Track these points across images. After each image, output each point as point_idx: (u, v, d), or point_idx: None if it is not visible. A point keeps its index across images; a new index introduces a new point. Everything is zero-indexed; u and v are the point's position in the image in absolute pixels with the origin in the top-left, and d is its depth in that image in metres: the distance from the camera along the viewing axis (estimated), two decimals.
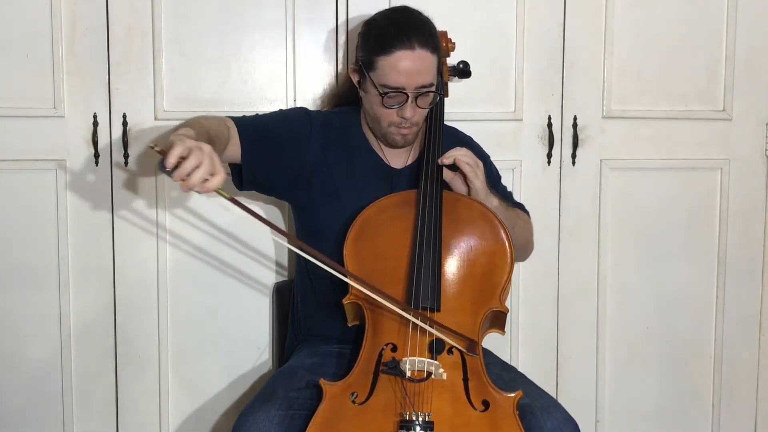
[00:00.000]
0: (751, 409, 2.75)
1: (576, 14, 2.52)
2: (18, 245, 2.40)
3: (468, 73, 2.33)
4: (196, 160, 1.65)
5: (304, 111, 2.22)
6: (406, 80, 2.01)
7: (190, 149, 1.66)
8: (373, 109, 2.09)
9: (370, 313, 1.92)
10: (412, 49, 1.99)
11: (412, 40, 2.00)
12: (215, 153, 1.70)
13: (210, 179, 1.67)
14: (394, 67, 2.00)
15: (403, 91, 2.02)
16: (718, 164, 2.65)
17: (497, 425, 1.78)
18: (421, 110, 2.06)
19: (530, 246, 2.31)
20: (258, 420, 1.83)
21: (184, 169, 1.64)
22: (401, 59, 1.99)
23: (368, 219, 2.02)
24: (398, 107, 2.04)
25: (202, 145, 1.68)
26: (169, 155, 1.64)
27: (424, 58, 2.01)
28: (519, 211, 2.22)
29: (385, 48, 2.01)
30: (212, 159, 1.68)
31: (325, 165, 2.14)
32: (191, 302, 2.47)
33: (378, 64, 2.02)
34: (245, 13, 2.41)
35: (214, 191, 1.68)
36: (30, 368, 2.44)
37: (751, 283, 2.71)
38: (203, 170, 1.65)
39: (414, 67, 2.00)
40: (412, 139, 2.13)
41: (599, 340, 2.64)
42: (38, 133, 2.37)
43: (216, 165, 1.68)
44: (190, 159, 1.64)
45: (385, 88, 2.02)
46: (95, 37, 2.36)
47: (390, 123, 2.08)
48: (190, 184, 1.65)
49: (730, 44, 2.60)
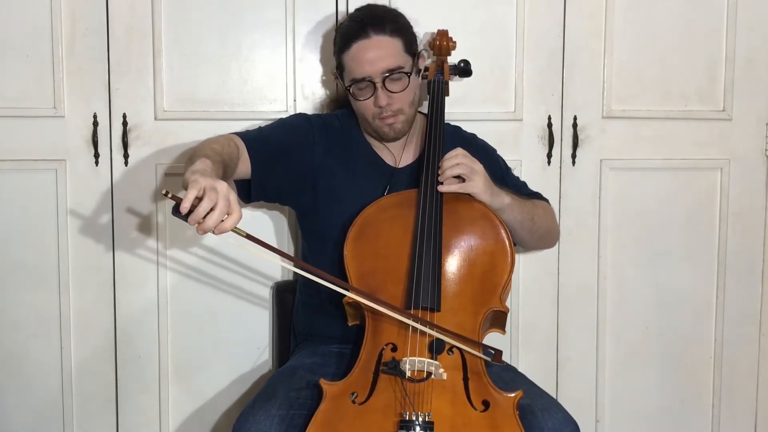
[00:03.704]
0: (751, 409, 2.75)
1: (576, 14, 2.52)
2: (18, 245, 2.40)
3: (469, 72, 2.33)
4: (210, 203, 1.61)
5: (304, 117, 2.23)
6: (369, 68, 2.04)
7: (204, 191, 1.63)
8: (356, 107, 2.12)
9: (370, 313, 1.92)
10: (367, 38, 2.05)
11: (366, 29, 2.05)
12: (231, 191, 1.66)
13: (226, 219, 1.63)
14: (355, 59, 2.05)
15: (369, 80, 2.05)
16: (718, 164, 2.65)
17: (497, 425, 1.78)
18: (398, 95, 2.07)
19: (555, 232, 2.31)
20: (258, 420, 1.83)
21: (199, 213, 1.61)
22: (359, 50, 2.05)
23: (369, 218, 2.02)
24: (371, 97, 2.06)
25: (216, 185, 1.64)
26: (184, 200, 1.61)
27: (382, 42, 2.05)
28: (536, 200, 2.22)
29: (345, 45, 2.08)
30: (227, 199, 1.64)
31: (328, 168, 2.14)
32: (191, 302, 2.47)
33: (344, 62, 2.09)
34: (245, 13, 2.41)
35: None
36: (30, 369, 2.44)
37: (751, 283, 2.71)
38: (218, 213, 1.62)
39: (373, 54, 2.04)
40: (401, 128, 2.12)
41: (599, 340, 2.64)
42: (38, 133, 2.37)
43: (232, 204, 1.64)
44: (204, 202, 1.61)
45: (352, 81, 2.06)
46: (95, 37, 2.36)
47: (373, 116, 2.09)
48: (205, 227, 1.62)
49: (730, 44, 2.60)
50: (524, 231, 2.12)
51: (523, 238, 2.15)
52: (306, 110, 2.41)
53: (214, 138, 2.05)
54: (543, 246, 2.32)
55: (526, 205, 2.14)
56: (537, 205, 2.19)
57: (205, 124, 2.40)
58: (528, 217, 2.11)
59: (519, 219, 2.09)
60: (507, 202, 2.07)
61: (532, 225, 2.13)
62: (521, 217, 2.10)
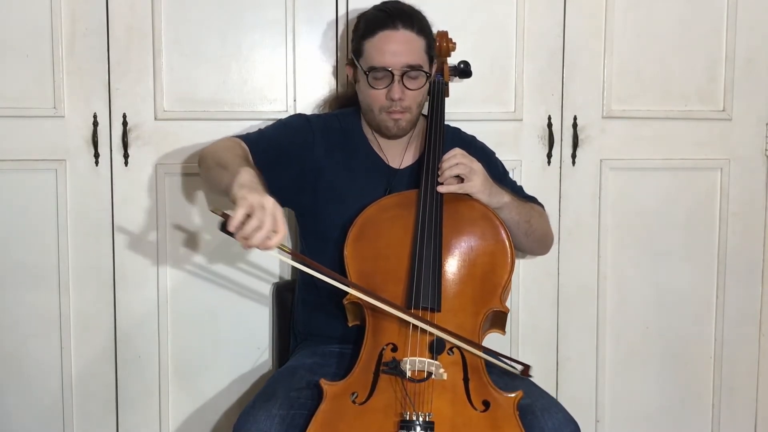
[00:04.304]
0: (751, 409, 2.75)
1: (576, 14, 2.52)
2: (18, 245, 2.40)
3: (469, 73, 2.33)
4: (257, 221, 1.67)
5: (304, 117, 2.23)
6: (391, 59, 2.04)
7: (253, 209, 1.68)
8: (365, 95, 2.11)
9: (370, 313, 1.92)
10: (395, 29, 2.04)
11: (396, 21, 2.05)
12: (278, 207, 1.72)
13: (271, 237, 1.68)
14: (379, 47, 2.05)
15: (388, 70, 2.04)
16: (718, 164, 2.65)
17: (498, 425, 1.78)
18: (411, 93, 2.07)
19: (549, 237, 2.31)
20: (258, 420, 1.83)
21: (246, 231, 1.67)
22: (385, 39, 2.04)
23: (369, 219, 2.02)
24: (386, 88, 2.05)
25: (264, 202, 1.70)
26: (233, 219, 1.67)
27: (409, 38, 2.05)
28: (533, 204, 2.22)
29: (370, 31, 2.07)
30: (274, 216, 1.69)
31: (328, 168, 2.14)
32: (191, 302, 2.47)
33: (365, 48, 2.07)
34: (245, 13, 2.41)
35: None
36: (30, 368, 2.44)
37: (751, 283, 2.71)
38: (265, 231, 1.67)
39: (398, 47, 2.04)
40: (405, 125, 2.12)
41: (599, 340, 2.64)
42: (38, 133, 2.37)
43: (278, 222, 1.70)
44: (252, 221, 1.67)
45: (371, 68, 2.05)
46: (95, 37, 2.36)
47: (381, 108, 2.09)
48: (251, 244, 1.68)
49: (730, 44, 2.60)
50: (520, 232, 2.12)
51: (519, 240, 2.14)
52: (306, 110, 2.41)
53: (226, 143, 2.05)
54: (537, 250, 2.30)
55: (524, 206, 2.14)
56: (534, 209, 2.20)
57: (205, 124, 2.40)
58: (524, 219, 2.11)
59: (516, 219, 2.09)
60: (506, 200, 2.07)
61: (528, 227, 2.13)
62: (518, 218, 2.10)
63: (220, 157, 1.96)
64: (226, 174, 1.86)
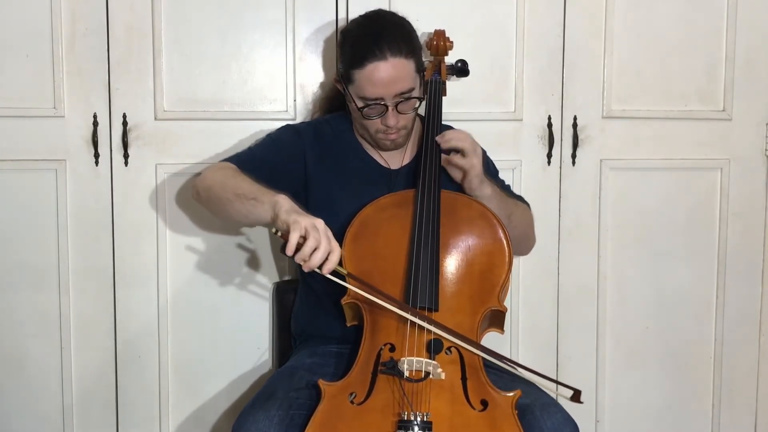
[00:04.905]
0: (751, 409, 2.74)
1: (576, 14, 2.52)
2: (18, 245, 2.40)
3: (466, 72, 2.32)
4: (314, 242, 1.76)
5: (292, 129, 2.21)
6: (383, 90, 2.01)
7: (307, 230, 1.75)
8: (359, 122, 2.11)
9: (368, 314, 1.92)
10: (384, 60, 1.99)
11: (383, 49, 1.99)
12: (328, 228, 1.80)
13: (329, 258, 1.78)
14: (369, 80, 2.00)
15: (381, 103, 2.02)
16: (718, 164, 2.65)
17: (496, 425, 1.78)
18: (405, 115, 2.07)
19: (531, 238, 2.30)
20: (258, 420, 1.83)
21: (305, 252, 1.75)
22: (375, 71, 2.00)
23: (367, 218, 2.02)
24: (379, 117, 2.05)
25: (316, 223, 1.78)
26: (289, 242, 1.75)
27: (398, 65, 2.00)
28: (517, 201, 2.21)
29: (358, 61, 2.01)
30: (327, 236, 1.79)
31: (322, 175, 2.14)
32: (191, 302, 2.47)
33: (354, 78, 2.03)
34: (245, 13, 2.41)
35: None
36: (30, 368, 2.44)
37: (751, 283, 2.71)
38: (322, 252, 1.76)
39: (389, 77, 2.00)
40: (402, 141, 2.13)
41: (599, 340, 2.64)
42: (38, 133, 2.37)
43: (332, 241, 1.78)
44: (309, 242, 1.75)
45: (363, 100, 2.03)
46: (95, 37, 2.36)
47: (377, 131, 2.09)
48: (311, 265, 1.76)
49: (730, 44, 2.59)
50: None
51: None
52: (306, 110, 2.42)
53: (226, 171, 2.04)
54: (516, 249, 2.29)
55: (507, 201, 2.13)
56: (517, 205, 2.18)
57: (205, 124, 2.40)
58: (504, 214, 2.09)
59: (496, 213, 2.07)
60: (488, 192, 2.07)
61: (507, 222, 2.08)
62: (498, 213, 2.06)
63: (236, 186, 1.96)
64: (256, 204, 1.90)
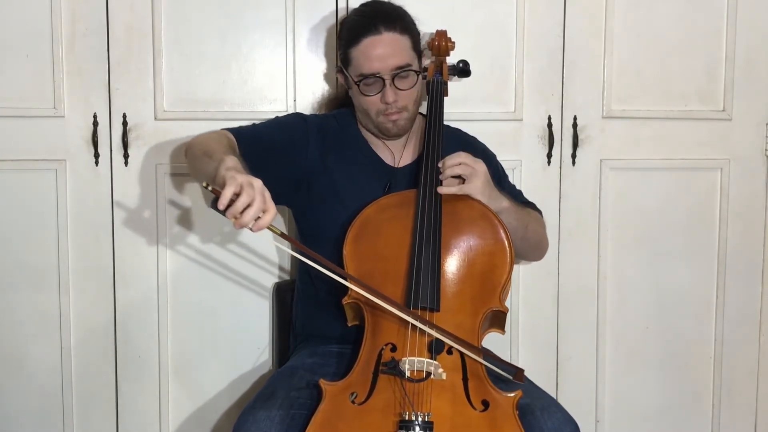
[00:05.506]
0: (751, 409, 2.75)
1: (576, 14, 2.52)
2: (18, 245, 2.40)
3: (468, 72, 2.33)
4: (247, 198, 1.69)
5: (300, 116, 2.23)
6: (379, 64, 2.05)
7: (242, 187, 1.70)
8: (359, 102, 2.12)
9: (369, 314, 1.92)
10: (378, 33, 2.06)
11: (377, 25, 2.06)
12: (266, 188, 1.73)
13: (262, 216, 1.71)
14: (365, 54, 2.06)
15: (378, 76, 2.05)
16: (718, 164, 2.65)
17: (497, 425, 1.78)
18: (404, 92, 2.08)
19: (545, 244, 2.31)
20: (258, 420, 1.83)
21: (237, 207, 1.69)
22: (370, 45, 2.06)
23: (368, 219, 2.02)
24: (379, 93, 2.06)
25: (253, 181, 1.72)
26: (222, 195, 1.68)
27: (393, 39, 2.06)
28: (530, 210, 2.22)
29: (354, 39, 2.08)
30: (263, 195, 1.72)
31: (324, 168, 2.14)
32: (191, 302, 2.47)
33: (352, 57, 2.09)
34: (245, 13, 2.41)
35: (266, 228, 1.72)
36: (30, 368, 2.44)
37: (751, 283, 2.71)
38: (255, 208, 1.70)
39: (384, 51, 2.05)
40: (404, 124, 2.13)
41: (599, 340, 2.64)
42: (38, 133, 2.37)
43: (267, 201, 1.72)
44: (242, 197, 1.69)
45: (361, 77, 2.07)
46: (95, 37, 2.36)
47: (377, 112, 2.10)
48: (242, 222, 1.70)
49: (730, 44, 2.60)
50: (517, 238, 2.11)
51: (515, 245, 2.13)
52: (306, 110, 2.42)
53: (213, 135, 2.06)
54: (532, 256, 2.31)
55: (522, 212, 2.14)
56: (531, 215, 2.20)
57: (205, 124, 2.39)
58: (522, 225, 2.11)
59: (514, 225, 2.08)
60: (504, 206, 2.07)
61: (525, 233, 2.12)
62: (516, 224, 2.09)
63: (207, 146, 1.97)
64: (211, 162, 1.88)
